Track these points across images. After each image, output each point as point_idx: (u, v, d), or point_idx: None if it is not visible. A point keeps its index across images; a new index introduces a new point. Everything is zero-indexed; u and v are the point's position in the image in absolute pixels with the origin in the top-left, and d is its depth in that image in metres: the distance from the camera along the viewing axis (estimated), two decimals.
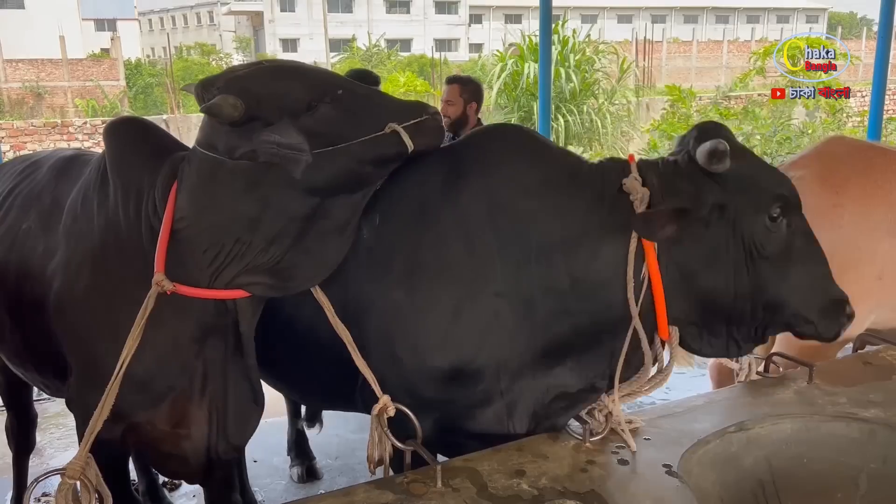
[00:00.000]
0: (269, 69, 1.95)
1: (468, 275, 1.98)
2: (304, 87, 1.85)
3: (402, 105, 1.97)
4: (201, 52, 34.87)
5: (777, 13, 51.16)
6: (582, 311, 1.97)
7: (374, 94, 2.00)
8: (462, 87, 4.53)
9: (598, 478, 1.87)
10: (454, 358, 1.99)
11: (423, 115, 1.91)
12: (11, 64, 25.05)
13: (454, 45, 44.36)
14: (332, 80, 1.94)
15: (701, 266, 1.91)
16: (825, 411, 2.20)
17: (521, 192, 2.01)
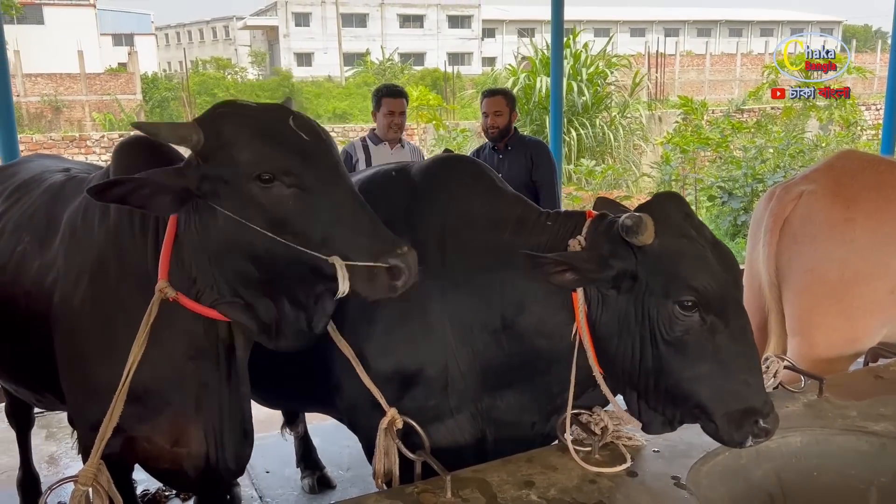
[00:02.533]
0: (256, 116, 1.80)
1: (416, 289, 2.05)
2: (270, 151, 1.73)
3: (370, 229, 1.75)
4: (217, 66, 35.28)
5: (791, 26, 51.04)
6: (514, 352, 2.09)
7: (348, 199, 1.77)
8: (506, 97, 4.78)
9: (606, 489, 1.88)
10: (396, 364, 2.15)
11: (390, 255, 1.70)
12: (31, 78, 25.43)
13: (467, 59, 44.59)
14: (311, 162, 1.75)
15: (612, 331, 1.94)
16: (835, 424, 2.19)
17: (470, 225, 2.15)
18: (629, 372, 1.94)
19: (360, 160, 4.55)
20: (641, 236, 1.84)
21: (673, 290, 1.85)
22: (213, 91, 27.91)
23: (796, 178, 3.05)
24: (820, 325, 2.80)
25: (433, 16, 45.38)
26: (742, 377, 1.87)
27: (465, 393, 2.15)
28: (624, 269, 1.89)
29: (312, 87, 30.45)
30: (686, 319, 1.85)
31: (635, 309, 1.90)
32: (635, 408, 1.99)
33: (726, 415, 1.85)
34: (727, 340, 1.87)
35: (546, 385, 2.13)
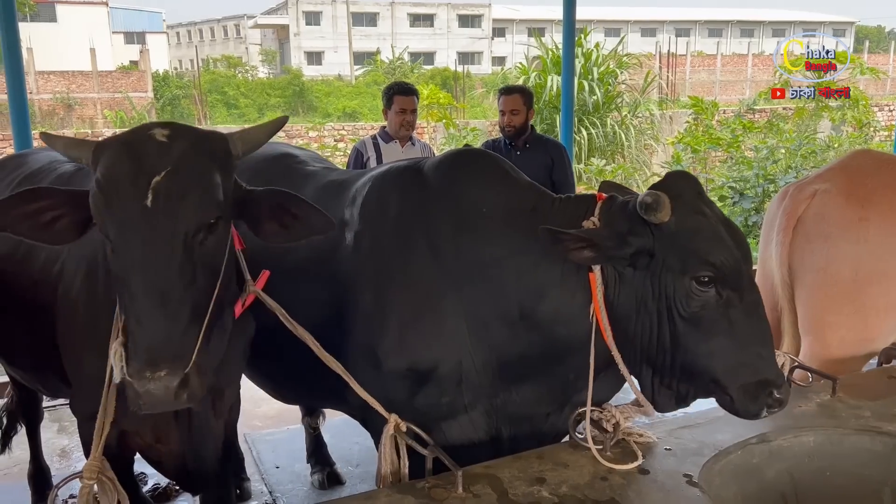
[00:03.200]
0: (124, 159, 1.65)
1: (429, 286, 2.13)
2: (103, 202, 1.63)
3: (143, 333, 1.59)
4: (228, 64, 35.38)
5: (803, 26, 50.72)
6: (531, 342, 2.09)
7: (142, 294, 1.59)
8: (523, 95, 4.77)
9: (618, 486, 1.88)
10: (410, 361, 2.13)
11: (138, 375, 1.55)
12: (43, 76, 25.57)
13: (477, 58, 44.54)
14: (127, 233, 1.61)
15: (630, 310, 1.97)
16: (848, 424, 2.18)
17: (484, 216, 2.14)
18: (646, 350, 1.97)
19: (370, 158, 4.56)
20: (659, 213, 1.87)
21: (690, 265, 1.89)
22: (223, 89, 28.01)
23: (810, 177, 3.03)
24: (833, 324, 2.79)
25: (443, 15, 45.35)
26: (756, 350, 1.92)
27: (480, 388, 2.14)
28: (641, 246, 1.92)
29: (322, 85, 30.49)
30: (703, 295, 1.89)
31: (652, 286, 1.93)
32: (649, 386, 2.02)
33: (741, 387, 1.90)
34: (741, 314, 1.91)
35: (563, 373, 2.13)
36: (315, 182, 2.61)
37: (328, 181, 2.59)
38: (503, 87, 5.09)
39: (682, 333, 1.91)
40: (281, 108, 27.93)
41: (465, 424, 2.19)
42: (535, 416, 2.21)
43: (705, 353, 1.90)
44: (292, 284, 2.40)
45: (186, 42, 49.28)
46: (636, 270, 1.95)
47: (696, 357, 1.91)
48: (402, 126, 4.58)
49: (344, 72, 35.11)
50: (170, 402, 1.55)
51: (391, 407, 2.09)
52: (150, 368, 1.53)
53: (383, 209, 2.27)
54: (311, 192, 2.54)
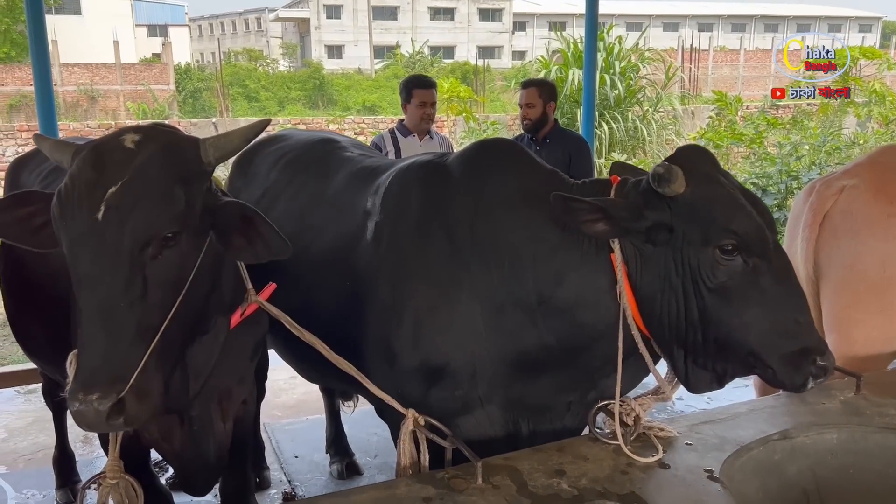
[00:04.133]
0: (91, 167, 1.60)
1: (445, 277, 2.10)
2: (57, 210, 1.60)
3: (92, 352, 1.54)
4: (249, 57, 35.56)
5: (829, 22, 50.06)
6: (550, 329, 2.05)
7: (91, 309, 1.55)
8: (539, 88, 4.78)
9: (638, 480, 1.87)
10: (426, 356, 2.10)
11: (76, 397, 1.49)
12: (68, 68, 25.84)
13: (497, 52, 44.41)
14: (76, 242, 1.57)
15: (654, 288, 1.91)
16: (873, 422, 2.16)
17: (503, 205, 2.11)
18: (675, 328, 1.91)
19: (389, 152, 4.56)
20: (673, 185, 1.83)
21: (712, 235, 1.83)
22: (244, 82, 28.14)
23: (837, 173, 2.98)
24: (859, 322, 2.75)
25: (464, 9, 45.25)
26: (792, 317, 1.85)
27: (496, 380, 2.11)
28: (658, 220, 1.88)
29: (342, 79, 30.55)
30: (728, 264, 1.83)
31: (675, 261, 1.88)
32: (682, 368, 1.96)
33: (782, 357, 1.83)
34: (772, 282, 1.85)
35: (586, 362, 2.09)
36: (349, 167, 2.63)
37: (360, 167, 2.60)
38: (523, 80, 5.11)
39: (712, 307, 1.85)
40: (301, 101, 28.04)
41: (480, 418, 2.17)
42: (555, 407, 2.18)
43: (738, 325, 1.83)
44: (315, 275, 2.42)
45: (208, 35, 49.60)
46: (656, 247, 1.89)
47: (730, 330, 1.84)
48: (422, 119, 4.58)
49: (364, 65, 35.14)
50: (102, 425, 1.48)
51: (405, 401, 2.09)
52: (83, 390, 1.47)
53: (403, 200, 2.27)
54: (343, 178, 2.58)
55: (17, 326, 2.84)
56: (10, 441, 4.06)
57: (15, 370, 4.68)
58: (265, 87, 28.76)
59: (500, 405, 2.17)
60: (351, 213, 2.40)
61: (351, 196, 2.47)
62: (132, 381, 1.50)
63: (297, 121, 18.26)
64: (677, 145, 14.86)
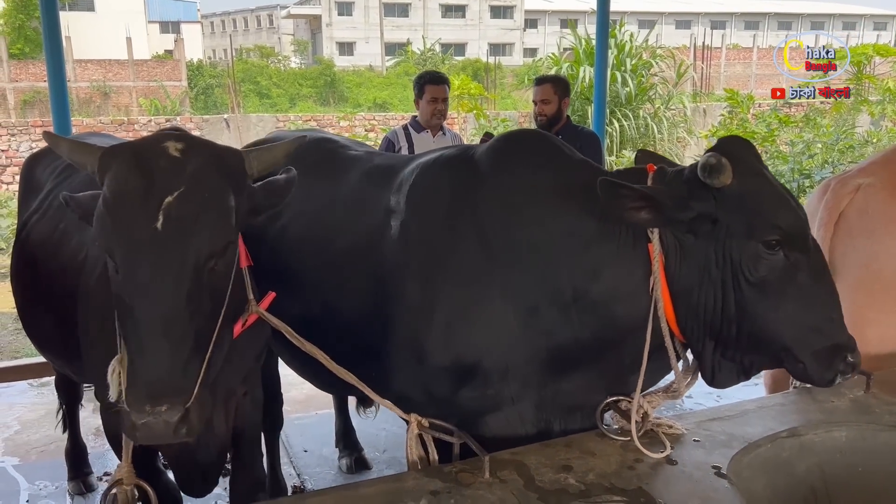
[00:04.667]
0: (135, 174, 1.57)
1: (476, 276, 2.06)
2: (106, 228, 1.58)
3: (145, 367, 1.53)
4: (260, 54, 35.64)
5: (843, 19, 49.66)
6: (585, 325, 2.01)
7: (149, 321, 1.52)
8: (555, 84, 4.79)
9: (645, 476, 1.87)
10: (458, 357, 2.06)
11: (139, 409, 1.47)
12: (81, 64, 26.02)
13: (509, 49, 44.33)
14: (135, 261, 1.54)
15: (692, 280, 1.89)
16: (882, 420, 2.15)
17: (534, 200, 2.07)
18: (710, 322, 1.90)
19: (402, 148, 4.58)
20: (722, 176, 1.81)
21: (757, 229, 1.82)
22: (256, 79, 28.23)
23: (852, 171, 2.96)
24: (873, 321, 2.72)
25: (475, 6, 45.17)
26: (826, 313, 1.86)
27: (528, 378, 2.07)
28: (703, 210, 1.85)
29: (353, 76, 30.59)
30: (771, 258, 1.83)
31: (716, 253, 1.87)
32: (709, 361, 1.96)
33: (815, 353, 1.84)
34: (809, 278, 1.85)
35: (618, 358, 2.06)
36: (360, 166, 2.57)
37: (373, 166, 2.54)
38: (536, 77, 5.10)
39: (750, 301, 1.84)
40: (312, 98, 28.10)
41: (512, 418, 2.13)
42: (587, 405, 2.13)
43: (775, 319, 1.83)
44: (331, 277, 2.37)
45: (220, 32, 49.76)
46: (697, 238, 1.87)
47: (766, 324, 1.84)
48: (434, 115, 4.59)
49: (375, 62, 35.18)
50: (168, 437, 1.47)
51: (433, 400, 2.06)
52: (150, 402, 1.44)
53: (431, 198, 2.22)
54: (356, 177, 2.52)
55: (26, 321, 2.87)
56: (23, 433, 4.11)
57: (28, 363, 4.74)
58: (277, 84, 28.84)
59: (532, 404, 2.13)
60: (370, 212, 2.34)
61: (369, 195, 2.41)
62: (195, 392, 1.50)
63: (308, 117, 18.32)
64: (688, 143, 14.87)
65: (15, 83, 24.60)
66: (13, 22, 27.95)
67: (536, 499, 1.75)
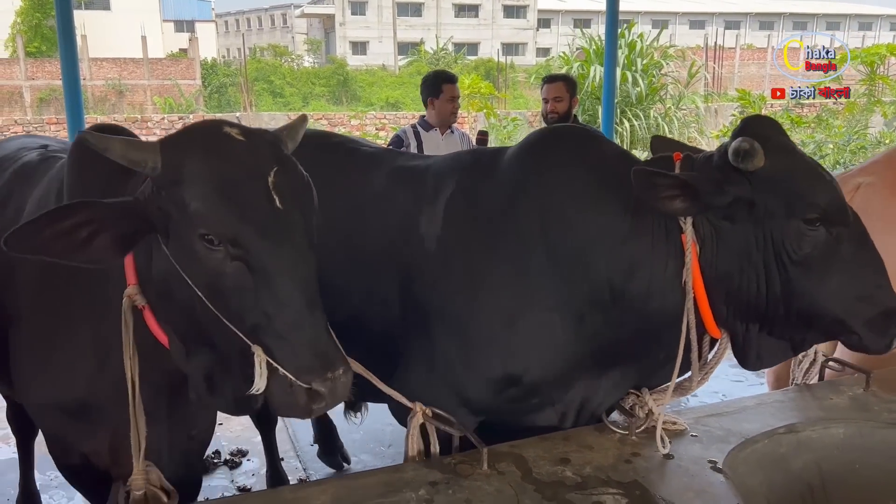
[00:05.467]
0: (228, 159, 1.53)
1: (520, 284, 2.03)
2: (222, 212, 1.50)
3: (309, 337, 1.51)
4: (274, 53, 35.81)
5: (859, 20, 49.25)
6: (623, 324, 2.00)
7: (297, 293, 1.52)
8: (567, 83, 4.84)
9: (641, 469, 1.89)
10: (507, 370, 2.04)
11: (316, 376, 1.48)
12: (96, 62, 26.24)
13: (522, 49, 44.29)
14: (270, 238, 1.52)
15: (732, 265, 1.89)
16: (880, 418, 2.16)
17: (572, 200, 2.03)
18: (755, 305, 1.89)
19: (411, 146, 4.61)
20: (755, 160, 1.80)
21: (797, 208, 1.82)
22: (269, 78, 28.36)
23: (853, 171, 2.97)
24: None
25: (488, 5, 45.14)
26: (873, 281, 1.87)
27: (571, 383, 2.07)
28: (740, 195, 1.84)
29: (366, 75, 30.68)
30: (813, 235, 1.82)
31: (755, 236, 1.86)
32: (754, 344, 1.96)
33: (867, 322, 1.85)
34: (852, 248, 1.85)
35: (655, 352, 2.05)
36: (384, 166, 2.43)
37: (397, 166, 2.42)
38: (546, 75, 5.12)
39: (796, 279, 1.84)
40: (325, 97, 28.20)
41: (550, 416, 2.13)
42: (616, 398, 2.13)
43: (824, 294, 1.84)
44: (360, 280, 2.28)
45: (234, 31, 49.99)
46: (734, 223, 1.87)
47: (815, 300, 1.84)
48: (452, 113, 4.65)
49: (388, 62, 35.24)
50: (345, 396, 1.52)
51: (472, 406, 2.04)
52: (330, 369, 1.47)
53: (472, 208, 2.14)
54: (381, 177, 2.39)
55: None
56: None
57: None
58: (290, 83, 28.97)
59: (568, 404, 2.13)
60: (401, 220, 2.24)
61: (396, 201, 2.29)
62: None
63: (320, 116, 18.42)
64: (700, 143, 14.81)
65: (31, 81, 24.85)
66: (30, 20, 28.23)
67: (533, 490, 1.78)
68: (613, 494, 1.77)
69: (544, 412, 2.14)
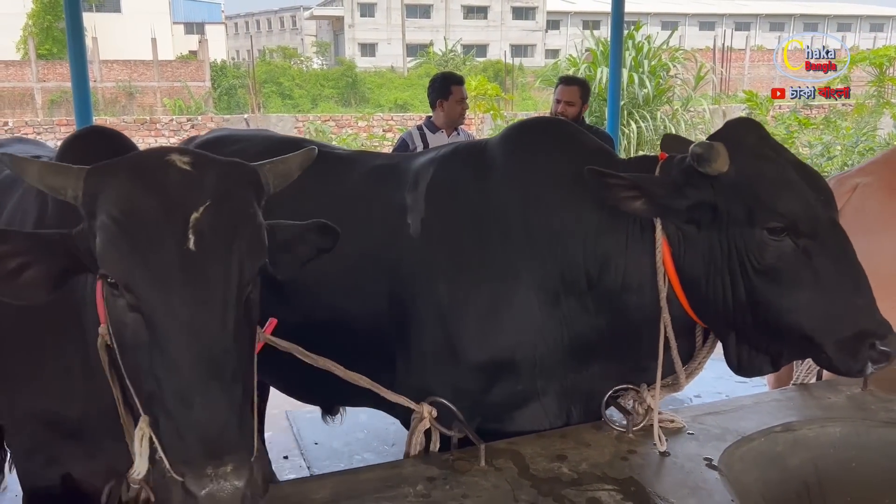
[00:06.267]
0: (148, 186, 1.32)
1: (502, 270, 2.05)
2: (117, 251, 1.30)
3: (200, 420, 1.22)
4: (283, 55, 35.95)
5: (870, 21, 48.99)
6: (601, 313, 2.02)
7: (191, 360, 1.26)
8: (582, 88, 4.84)
9: (637, 466, 1.91)
10: (491, 353, 2.05)
11: (196, 472, 1.19)
12: (107, 64, 26.43)
13: (530, 50, 44.28)
14: (169, 291, 1.27)
15: (699, 270, 1.87)
16: (877, 417, 2.17)
17: (550, 187, 2.05)
18: (723, 311, 1.87)
19: (418, 148, 4.64)
20: (714, 164, 1.77)
21: (758, 216, 1.77)
22: (278, 80, 28.48)
23: (851, 171, 2.98)
24: None
25: (497, 7, 45.16)
26: (848, 299, 1.78)
27: (554, 370, 2.08)
28: (700, 199, 1.81)
29: (375, 77, 30.76)
30: (777, 245, 1.77)
31: (720, 242, 1.83)
32: (734, 351, 1.94)
33: (837, 342, 1.76)
34: (825, 262, 1.77)
35: (635, 347, 2.06)
36: (359, 167, 2.44)
37: (374, 166, 2.44)
38: (563, 76, 5.12)
39: (761, 289, 1.79)
40: (334, 98, 28.29)
41: (536, 411, 2.13)
42: (603, 394, 2.11)
43: (789, 307, 1.78)
44: (339, 282, 2.27)
45: (244, 33, 50.21)
46: (700, 228, 1.85)
47: (780, 313, 1.79)
48: (461, 114, 4.70)
49: (397, 63, 35.31)
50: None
51: (462, 399, 2.00)
52: (211, 463, 1.17)
53: (453, 193, 2.16)
54: (357, 178, 2.40)
55: None
56: None
57: None
58: (299, 85, 29.07)
59: (556, 396, 2.13)
60: (383, 213, 2.25)
61: (378, 194, 2.30)
62: (255, 443, 1.26)
63: (327, 117, 18.48)
64: None
65: (42, 83, 25.05)
66: (41, 23, 28.45)
67: (529, 486, 1.80)
68: (609, 490, 1.79)
69: (531, 406, 2.13)
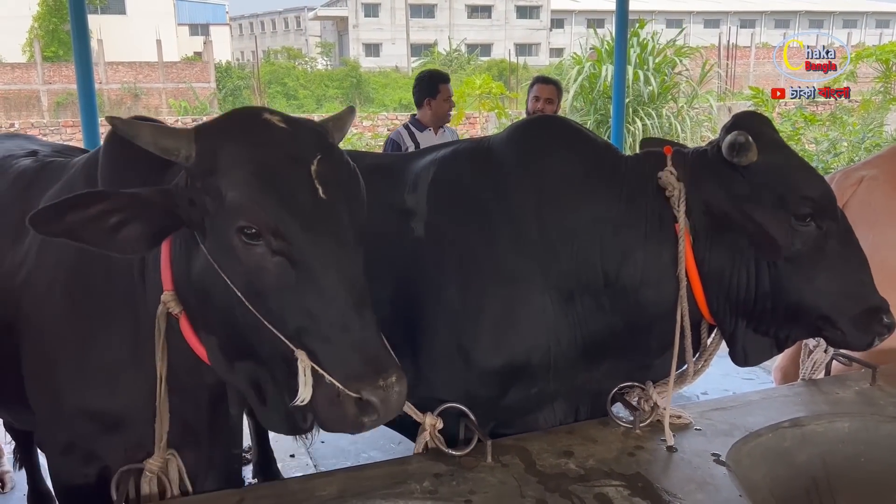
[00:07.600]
0: (270, 144, 1.43)
1: (515, 272, 2.01)
2: (262, 201, 1.39)
3: (358, 340, 1.38)
4: (288, 55, 36.02)
5: (876, 17, 48.79)
6: (617, 311, 2.00)
7: (344, 291, 1.41)
8: (557, 86, 4.94)
9: (644, 462, 1.90)
10: (508, 357, 2.01)
11: (367, 385, 1.35)
12: (112, 66, 26.52)
13: (535, 49, 44.24)
14: (315, 231, 1.40)
15: (725, 260, 1.90)
16: (885, 412, 2.15)
17: (564, 185, 2.03)
18: (745, 301, 1.91)
19: (409, 147, 4.64)
20: (749, 154, 1.82)
21: (788, 202, 1.84)
22: (283, 80, 28.55)
23: (857, 164, 2.97)
24: None
25: (501, 6, 45.15)
26: (858, 277, 1.89)
27: (567, 371, 2.06)
28: (737, 192, 1.86)
29: (379, 77, 30.80)
30: (804, 230, 1.85)
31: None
32: (741, 339, 1.97)
33: (851, 319, 1.88)
34: (839, 244, 1.88)
35: (645, 342, 2.05)
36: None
37: (367, 164, 2.29)
38: (538, 76, 5.20)
39: (786, 275, 1.85)
40: (339, 99, 28.33)
41: (548, 413, 2.13)
42: (610, 391, 2.10)
43: (812, 290, 1.86)
44: None
45: (248, 34, 50.36)
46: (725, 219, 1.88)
47: (802, 296, 1.86)
48: (448, 112, 4.72)
49: (401, 63, 35.36)
50: (399, 409, 1.39)
51: (476, 404, 1.97)
52: (382, 376, 1.33)
53: (459, 195, 2.10)
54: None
55: None
56: None
57: None
58: (303, 86, 29.14)
59: (567, 396, 2.12)
60: (382, 215, 2.12)
61: (377, 195, 2.22)
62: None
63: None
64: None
65: (48, 85, 25.16)
66: (47, 25, 28.57)
67: (536, 482, 1.79)
68: (616, 486, 1.78)
69: (545, 410, 2.12)
